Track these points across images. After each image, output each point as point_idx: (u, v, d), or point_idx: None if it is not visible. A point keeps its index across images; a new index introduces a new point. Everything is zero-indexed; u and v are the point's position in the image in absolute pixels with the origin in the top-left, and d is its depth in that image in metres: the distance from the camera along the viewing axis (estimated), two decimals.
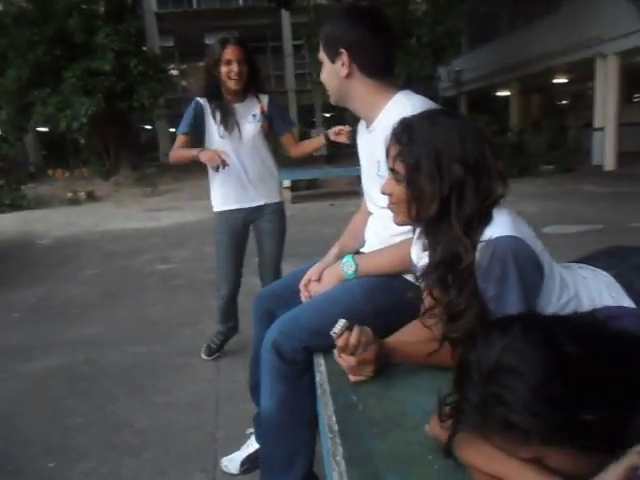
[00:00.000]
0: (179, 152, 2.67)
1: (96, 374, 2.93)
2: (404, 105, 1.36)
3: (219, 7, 23.66)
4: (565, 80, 16.95)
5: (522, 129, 14.87)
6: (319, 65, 1.56)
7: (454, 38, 13.45)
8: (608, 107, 11.84)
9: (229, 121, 2.60)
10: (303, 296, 1.53)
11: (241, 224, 2.78)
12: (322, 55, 1.50)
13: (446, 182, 1.05)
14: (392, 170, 1.13)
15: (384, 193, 1.16)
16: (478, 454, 0.83)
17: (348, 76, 1.45)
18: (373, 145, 1.45)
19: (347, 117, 14.27)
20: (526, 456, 0.76)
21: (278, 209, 2.83)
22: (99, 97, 13.83)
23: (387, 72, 1.49)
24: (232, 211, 2.74)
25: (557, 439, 0.72)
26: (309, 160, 15.75)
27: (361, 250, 1.60)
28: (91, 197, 12.80)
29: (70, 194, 12.49)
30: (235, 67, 2.51)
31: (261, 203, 2.76)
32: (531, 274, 1.05)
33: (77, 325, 3.78)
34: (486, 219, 1.07)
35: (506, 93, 17.89)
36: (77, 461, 2.12)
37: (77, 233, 8.11)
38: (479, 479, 0.83)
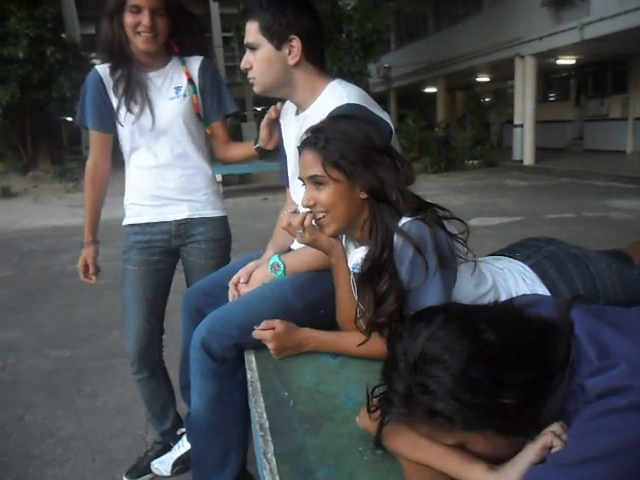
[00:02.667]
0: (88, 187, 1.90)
1: (14, 381, 2.75)
2: (339, 92, 1.37)
3: None
4: (487, 79, 17.75)
5: (448, 125, 15.43)
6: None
7: (383, 35, 13.67)
8: (526, 105, 12.50)
9: (135, 95, 1.75)
10: (231, 295, 1.50)
11: (159, 248, 1.87)
12: (258, 41, 1.40)
13: (373, 167, 1.11)
14: (314, 177, 1.15)
15: (308, 206, 1.18)
16: (405, 443, 0.85)
17: (295, 64, 1.41)
18: (304, 130, 1.44)
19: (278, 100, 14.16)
20: (451, 442, 0.79)
21: (216, 228, 1.89)
22: (13, 86, 12.94)
23: (323, 60, 1.51)
24: (142, 226, 1.86)
25: (479, 423, 0.75)
26: None
27: (291, 246, 1.59)
28: (6, 193, 11.96)
29: None
30: (146, 18, 1.64)
31: (183, 216, 1.85)
32: (444, 254, 1.09)
33: None
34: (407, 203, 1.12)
35: (433, 90, 18.49)
36: None
37: None
38: (408, 468, 0.86)
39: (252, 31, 1.41)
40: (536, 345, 0.78)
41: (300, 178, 1.22)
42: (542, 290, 1.22)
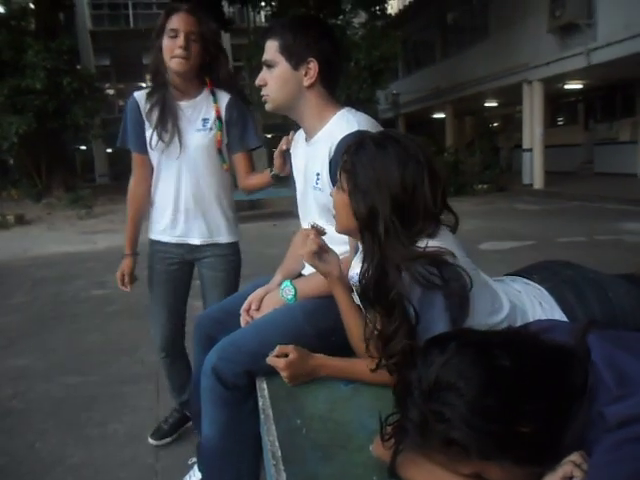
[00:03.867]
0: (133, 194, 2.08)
1: (25, 409, 2.74)
2: (350, 121, 1.38)
3: None
4: (495, 104, 17.87)
5: (457, 150, 15.49)
6: (257, 86, 1.51)
7: (390, 62, 13.89)
8: (535, 130, 12.55)
9: (167, 124, 1.88)
10: (243, 322, 1.50)
11: (176, 259, 2.09)
12: (276, 59, 1.42)
13: (378, 205, 1.07)
14: (339, 178, 1.16)
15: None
16: (420, 472, 0.83)
17: (310, 86, 1.43)
18: (313, 157, 1.46)
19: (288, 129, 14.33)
20: (467, 472, 0.77)
21: (227, 252, 2.06)
22: (30, 116, 13.26)
23: (336, 88, 1.52)
24: (162, 243, 2.08)
25: (495, 452, 0.73)
26: None
27: (302, 272, 1.59)
28: (21, 220, 12.11)
29: None
30: (181, 40, 1.78)
31: (195, 242, 2.03)
32: (456, 283, 1.04)
33: (4, 356, 3.53)
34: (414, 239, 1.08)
35: (442, 115, 18.63)
36: None
37: (4, 259, 7.64)
38: None
39: (272, 49, 1.43)
40: (552, 372, 0.77)
41: None
42: (559, 315, 1.19)
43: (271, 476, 0.97)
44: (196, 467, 1.94)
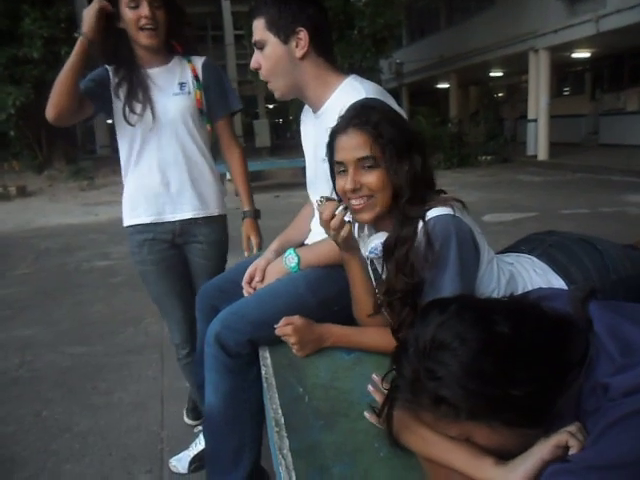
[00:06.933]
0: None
1: (31, 378, 2.79)
2: (357, 89, 1.35)
3: None
4: (501, 73, 17.58)
5: (461, 120, 15.31)
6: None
7: (394, 30, 13.61)
8: (540, 100, 12.36)
9: (137, 95, 1.74)
10: (246, 292, 1.50)
11: (166, 243, 1.89)
12: (265, 37, 1.39)
13: (413, 160, 1.11)
14: (364, 159, 1.12)
15: (354, 189, 1.13)
16: (414, 438, 0.84)
17: (303, 57, 1.39)
18: (321, 129, 1.42)
19: (291, 107, 14.19)
20: (455, 433, 0.78)
21: (215, 228, 1.93)
22: (28, 87, 13.09)
23: (332, 54, 1.48)
24: (147, 225, 1.86)
25: (485, 414, 0.74)
26: (253, 151, 15.60)
27: (306, 241, 1.59)
28: (22, 192, 12.11)
29: None
30: (145, 9, 1.65)
31: (187, 216, 1.87)
32: (468, 252, 1.08)
33: (10, 327, 3.58)
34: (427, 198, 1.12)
35: (446, 85, 18.37)
36: (12, 472, 2.01)
37: (7, 230, 7.66)
38: (425, 464, 0.85)
39: (259, 28, 1.40)
40: (551, 341, 0.77)
41: (338, 162, 1.16)
42: (554, 277, 1.21)
43: (274, 443, 0.98)
44: (202, 435, 1.98)
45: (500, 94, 20.28)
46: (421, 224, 1.08)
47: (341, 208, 1.13)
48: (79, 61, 1.63)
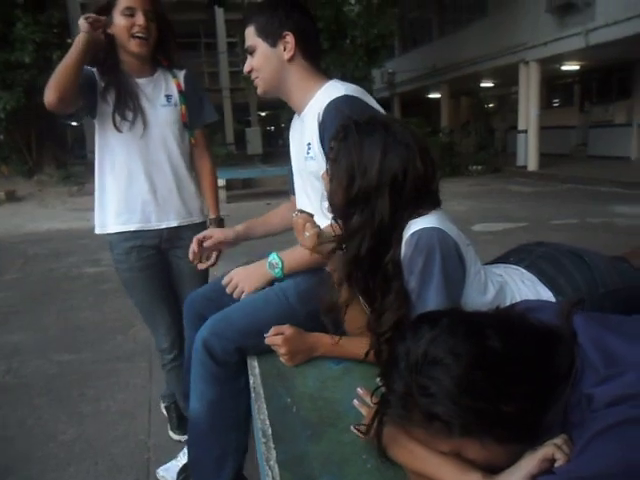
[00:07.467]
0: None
1: (17, 385, 2.75)
2: (337, 88, 1.40)
3: None
4: (492, 84, 17.73)
5: (452, 130, 15.41)
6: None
7: (387, 40, 13.70)
8: (530, 111, 12.48)
9: (128, 102, 1.77)
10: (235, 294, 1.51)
11: (153, 249, 1.93)
12: (255, 42, 1.47)
13: (355, 187, 1.08)
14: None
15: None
16: (402, 451, 0.84)
17: (290, 60, 1.46)
18: (304, 129, 1.48)
19: (283, 115, 14.21)
20: (446, 449, 0.78)
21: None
22: (19, 91, 13.02)
23: (319, 59, 1.56)
24: (134, 232, 1.89)
25: (477, 430, 0.74)
26: (244, 159, 15.60)
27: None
28: (12, 197, 12.02)
29: None
30: (140, 19, 1.69)
31: (173, 224, 1.92)
32: (453, 266, 1.08)
33: None
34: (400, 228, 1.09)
35: (437, 95, 18.47)
36: None
37: None
38: (411, 477, 0.85)
39: (250, 35, 1.49)
40: (540, 355, 0.77)
41: None
42: (543, 288, 1.21)
43: (261, 454, 0.98)
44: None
45: (491, 105, 20.46)
46: (406, 236, 1.08)
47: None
48: (87, 46, 1.63)
